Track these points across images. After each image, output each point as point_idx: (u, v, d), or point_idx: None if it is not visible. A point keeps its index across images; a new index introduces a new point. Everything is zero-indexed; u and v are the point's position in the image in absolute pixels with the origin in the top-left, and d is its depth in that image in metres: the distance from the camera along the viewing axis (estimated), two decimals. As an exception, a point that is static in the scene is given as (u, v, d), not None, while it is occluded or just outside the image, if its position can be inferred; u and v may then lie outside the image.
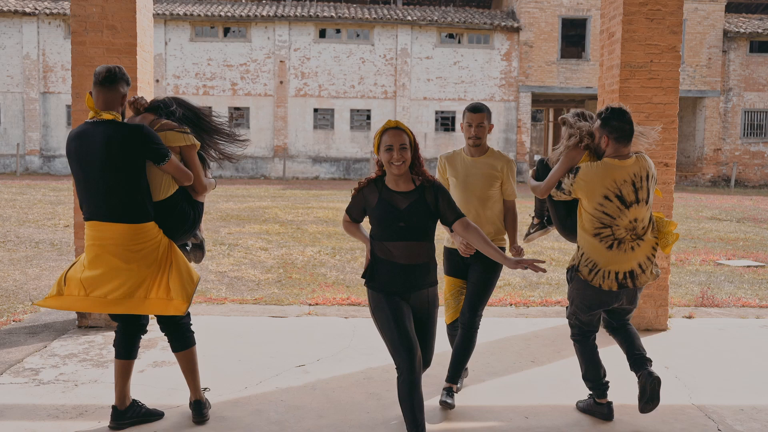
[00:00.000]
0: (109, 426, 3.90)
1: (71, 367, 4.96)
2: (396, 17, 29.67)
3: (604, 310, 4.13)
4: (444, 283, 4.53)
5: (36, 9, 28.48)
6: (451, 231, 3.82)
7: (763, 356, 5.59)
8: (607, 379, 4.20)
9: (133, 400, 3.98)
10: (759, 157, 30.28)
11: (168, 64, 29.22)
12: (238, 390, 4.53)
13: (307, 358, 5.26)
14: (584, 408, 4.29)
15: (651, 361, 4.02)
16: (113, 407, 3.91)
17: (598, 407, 4.20)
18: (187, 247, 4.18)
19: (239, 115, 29.63)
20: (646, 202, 4.00)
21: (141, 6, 6.14)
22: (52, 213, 14.29)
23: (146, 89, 6.31)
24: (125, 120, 3.91)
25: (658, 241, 4.10)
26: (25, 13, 28.41)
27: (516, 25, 29.63)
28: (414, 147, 3.56)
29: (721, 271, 9.98)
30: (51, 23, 28.78)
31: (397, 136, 3.49)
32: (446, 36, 30.33)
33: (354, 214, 3.75)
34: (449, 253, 4.48)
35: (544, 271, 3.49)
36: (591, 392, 4.23)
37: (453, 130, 30.06)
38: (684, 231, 14.64)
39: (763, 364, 5.39)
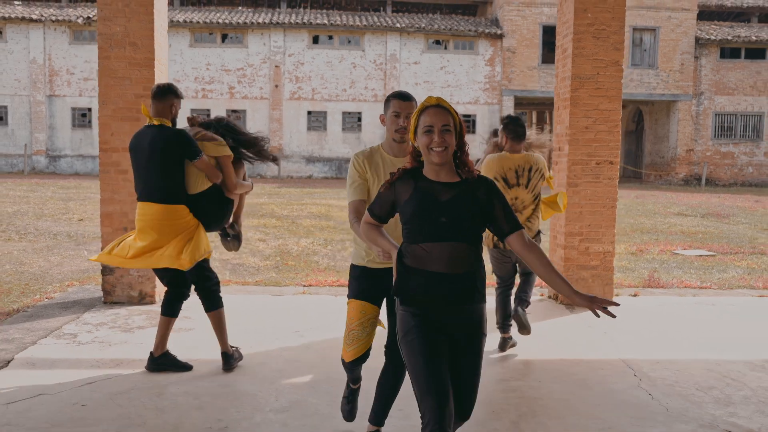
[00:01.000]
0: (146, 367, 4.77)
1: (103, 332, 5.76)
2: (385, 24, 30.49)
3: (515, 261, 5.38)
4: (348, 309, 3.49)
5: (42, 15, 29.15)
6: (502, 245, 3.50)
7: (689, 324, 6.43)
8: (510, 322, 5.44)
9: (167, 350, 4.81)
10: (729, 158, 31.25)
11: (169, 69, 29.88)
12: (245, 349, 5.32)
13: (303, 327, 6.06)
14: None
15: (527, 303, 5.41)
16: (150, 353, 4.77)
17: (501, 341, 5.46)
18: (228, 237, 5.15)
19: (236, 117, 30.33)
20: (526, 187, 5.27)
21: (158, 26, 6.92)
22: (65, 208, 15.04)
23: (162, 97, 7.09)
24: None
25: (531, 216, 5.36)
26: (31, 20, 29.07)
27: (499, 32, 30.50)
28: (459, 131, 2.81)
29: (675, 260, 10.83)
30: (56, 29, 29.42)
31: (439, 115, 2.75)
32: (433, 42, 31.16)
33: (379, 211, 2.92)
34: (361, 272, 3.49)
35: (614, 316, 2.80)
36: (499, 328, 5.47)
37: (440, 131, 30.87)
38: (650, 225, 15.52)
39: (686, 329, 6.22)
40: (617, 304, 2.74)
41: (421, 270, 2.74)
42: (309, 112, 30.77)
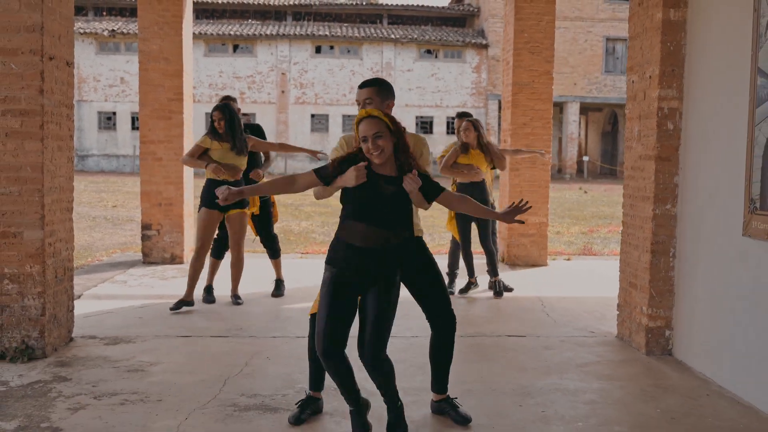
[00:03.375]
0: (203, 300, 6.19)
1: (146, 280, 7.14)
2: (381, 36, 31.86)
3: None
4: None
5: (71, 29, 30.51)
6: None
7: (601, 277, 7.77)
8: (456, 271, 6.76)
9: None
10: (694, 156, 32.47)
11: (185, 76, 31.36)
12: (251, 290, 6.68)
13: (300, 278, 7.43)
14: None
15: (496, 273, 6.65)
16: (207, 287, 6.25)
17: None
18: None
19: (246, 120, 31.62)
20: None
21: (185, 44, 8.29)
22: (99, 198, 16.44)
23: (188, 100, 8.44)
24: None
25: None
26: (61, 33, 30.43)
27: (485, 42, 31.87)
28: (396, 132, 3.06)
29: (617, 237, 12.18)
30: (84, 41, 30.81)
31: (370, 124, 2.99)
32: (425, 51, 32.54)
33: (324, 174, 3.12)
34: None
35: (523, 222, 3.24)
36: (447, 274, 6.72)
37: (431, 132, 32.25)
38: (609, 212, 16.85)
39: (597, 280, 7.56)
40: (529, 207, 3.14)
41: (348, 244, 3.05)
42: (312, 115, 32.17)
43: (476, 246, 6.95)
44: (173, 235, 8.20)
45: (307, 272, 7.65)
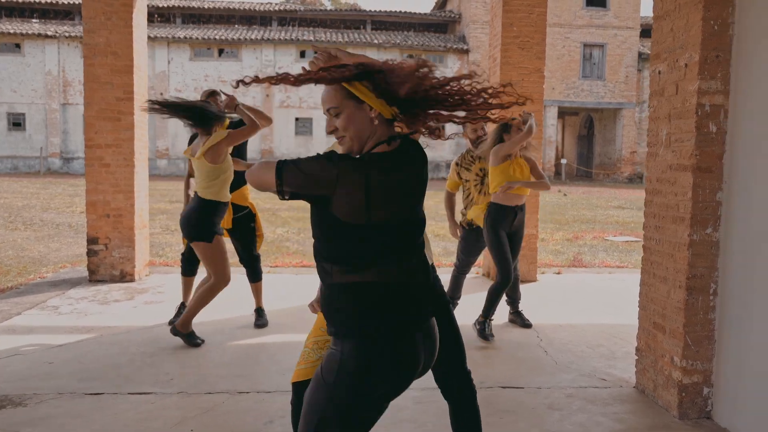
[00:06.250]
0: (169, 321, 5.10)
1: (83, 305, 5.85)
2: (365, 41, 30.56)
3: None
4: (317, 319, 2.32)
5: (57, 32, 28.98)
6: None
7: (596, 295, 6.61)
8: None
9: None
10: (667, 159, 31.57)
11: (171, 80, 29.88)
12: (208, 316, 5.44)
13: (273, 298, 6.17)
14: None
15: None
16: (182, 303, 5.22)
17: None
18: None
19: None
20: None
21: (137, 37, 7.00)
22: (70, 202, 15.04)
23: (141, 100, 7.16)
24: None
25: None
26: (47, 36, 28.91)
27: (465, 47, 30.67)
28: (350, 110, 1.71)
29: (603, 245, 11.03)
30: (70, 44, 29.28)
31: (325, 95, 1.75)
32: (407, 56, 30.82)
33: None
34: None
35: None
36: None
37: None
38: (590, 216, 15.73)
39: (593, 300, 6.40)
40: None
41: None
42: (297, 119, 30.82)
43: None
44: (123, 250, 6.91)
45: (273, 287, 6.40)
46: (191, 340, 4.62)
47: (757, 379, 3.10)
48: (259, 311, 5.33)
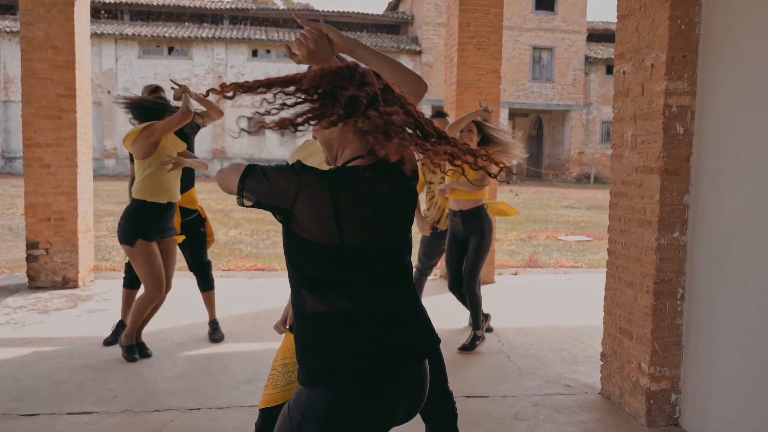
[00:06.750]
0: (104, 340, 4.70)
1: (21, 315, 5.44)
2: (318, 40, 30.17)
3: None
4: (285, 339, 2.21)
5: (-3, 27, 27.70)
6: None
7: (554, 297, 6.54)
8: None
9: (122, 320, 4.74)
10: (613, 159, 32.25)
11: (119, 78, 28.90)
12: (167, 321, 5.12)
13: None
14: None
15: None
16: (120, 321, 4.76)
17: None
18: None
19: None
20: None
21: (79, 30, 6.59)
22: (11, 204, 14.30)
23: (84, 97, 6.75)
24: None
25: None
26: (-14, 31, 27.60)
27: (418, 49, 30.64)
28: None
29: (557, 244, 11.07)
30: (11, 40, 27.98)
31: None
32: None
33: None
34: None
35: None
36: None
37: (367, 136, 30.83)
38: (542, 216, 15.83)
39: (551, 301, 6.33)
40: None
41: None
42: (249, 119, 30.20)
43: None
44: (65, 255, 6.49)
45: (227, 293, 6.10)
46: (129, 354, 4.28)
47: (725, 385, 3.02)
48: (214, 324, 4.90)
